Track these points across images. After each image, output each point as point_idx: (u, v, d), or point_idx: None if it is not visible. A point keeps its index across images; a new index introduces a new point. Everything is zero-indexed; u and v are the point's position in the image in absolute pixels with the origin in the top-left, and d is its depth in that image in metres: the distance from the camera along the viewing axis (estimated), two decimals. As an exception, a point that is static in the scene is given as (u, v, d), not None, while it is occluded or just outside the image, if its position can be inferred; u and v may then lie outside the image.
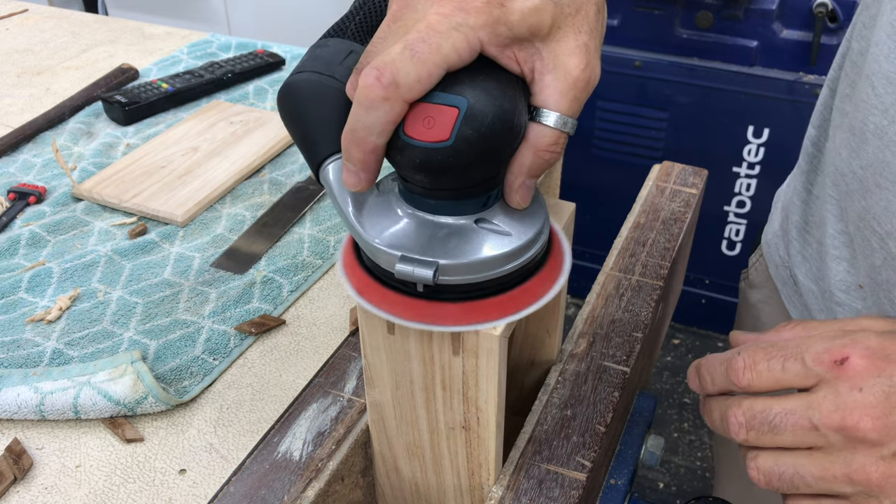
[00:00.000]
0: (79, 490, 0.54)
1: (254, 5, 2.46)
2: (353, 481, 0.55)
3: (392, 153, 0.39)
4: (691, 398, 2.02)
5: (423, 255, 0.40)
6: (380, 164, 0.40)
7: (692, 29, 1.74)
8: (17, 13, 1.31)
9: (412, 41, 0.37)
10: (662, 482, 1.83)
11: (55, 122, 0.98)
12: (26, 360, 0.64)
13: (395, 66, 0.36)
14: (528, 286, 0.43)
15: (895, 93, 0.52)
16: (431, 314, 0.42)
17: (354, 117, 0.38)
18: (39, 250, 0.77)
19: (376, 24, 0.48)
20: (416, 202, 0.42)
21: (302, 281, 0.73)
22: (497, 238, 0.41)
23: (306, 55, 0.47)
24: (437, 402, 0.48)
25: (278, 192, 0.85)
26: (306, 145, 0.45)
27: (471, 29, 0.37)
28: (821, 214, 0.65)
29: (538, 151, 0.40)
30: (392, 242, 0.41)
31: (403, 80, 0.36)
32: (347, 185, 0.41)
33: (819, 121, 0.68)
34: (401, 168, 0.40)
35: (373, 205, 0.43)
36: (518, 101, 0.39)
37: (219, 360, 0.64)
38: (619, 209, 0.76)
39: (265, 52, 1.13)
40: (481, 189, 0.41)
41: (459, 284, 0.41)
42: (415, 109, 0.38)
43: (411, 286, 0.41)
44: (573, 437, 0.52)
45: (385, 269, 0.42)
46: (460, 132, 0.37)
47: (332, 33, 0.49)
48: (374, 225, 0.42)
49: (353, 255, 0.44)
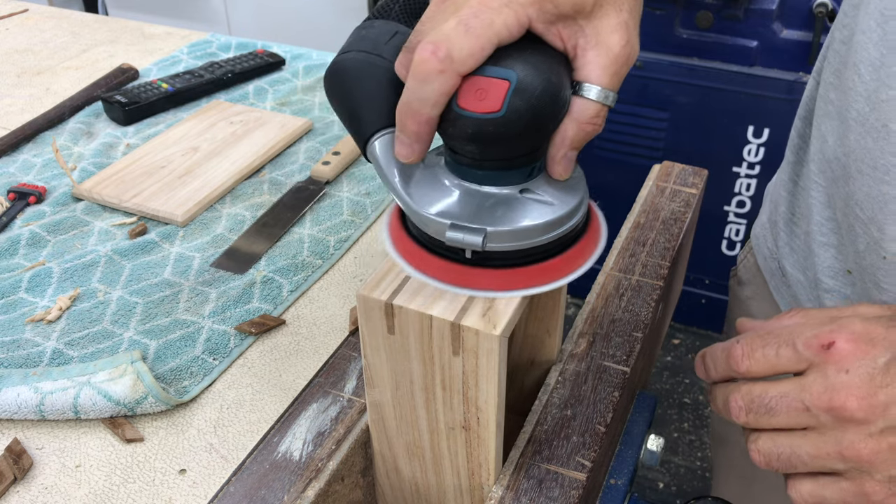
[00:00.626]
0: (79, 490, 0.54)
1: (254, 5, 2.46)
2: (353, 481, 0.55)
3: (444, 125, 0.41)
4: (691, 398, 2.02)
5: (473, 223, 0.42)
6: (432, 136, 0.42)
7: (692, 29, 1.74)
8: (17, 13, 1.31)
9: (465, 16, 0.39)
10: (662, 482, 1.83)
11: (55, 122, 0.98)
12: (26, 360, 0.64)
13: (450, 40, 0.38)
14: (567, 255, 0.45)
15: (878, 80, 0.53)
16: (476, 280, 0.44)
17: (410, 90, 0.40)
18: (39, 250, 0.77)
19: (420, 6, 0.50)
20: (464, 173, 0.44)
21: (302, 281, 0.73)
22: (541, 207, 0.43)
23: (352, 36, 0.49)
24: (437, 402, 0.48)
25: (278, 192, 0.85)
26: (354, 123, 0.47)
27: (520, 6, 0.39)
28: (807, 203, 0.65)
29: (581, 124, 0.42)
30: (442, 211, 0.43)
31: (457, 53, 0.38)
32: (400, 156, 0.43)
33: (805, 112, 0.69)
34: (452, 139, 0.42)
35: (420, 177, 0.45)
36: (563, 75, 0.41)
37: (219, 360, 0.64)
38: (619, 209, 0.76)
39: (265, 52, 1.13)
40: (526, 160, 0.43)
41: (506, 251, 0.43)
42: (467, 82, 0.40)
43: (459, 252, 0.43)
44: (573, 437, 0.52)
45: (434, 238, 0.44)
46: (511, 104, 0.39)
47: (376, 15, 0.51)
48: (422, 196, 0.44)
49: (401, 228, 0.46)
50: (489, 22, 0.39)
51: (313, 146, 0.94)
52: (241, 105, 1.01)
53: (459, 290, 0.44)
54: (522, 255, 0.44)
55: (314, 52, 1.17)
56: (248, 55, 1.11)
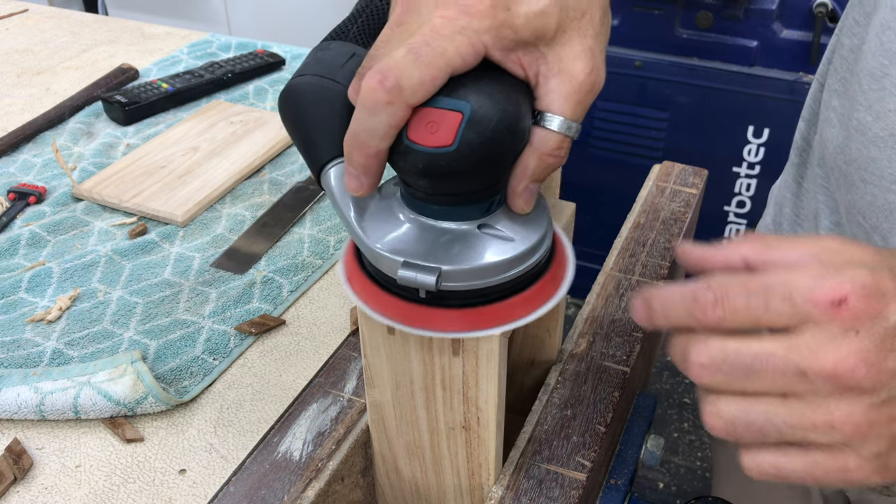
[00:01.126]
0: (79, 490, 0.54)
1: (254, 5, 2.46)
2: (353, 481, 0.55)
3: (395, 158, 0.39)
4: (691, 398, 2.02)
5: (426, 262, 0.40)
6: (382, 169, 0.40)
7: (692, 29, 1.74)
8: (17, 13, 1.31)
9: (416, 44, 0.37)
10: (662, 482, 1.83)
11: (55, 122, 0.98)
12: (26, 360, 0.64)
13: (399, 69, 0.36)
14: (530, 292, 0.43)
15: (880, 89, 0.53)
16: (433, 320, 0.41)
17: (357, 121, 0.38)
18: (39, 250, 0.77)
19: (378, 28, 0.48)
20: (419, 207, 0.42)
21: (302, 281, 0.73)
22: (500, 244, 0.41)
23: (308, 58, 0.47)
24: (437, 403, 0.48)
25: (278, 192, 0.85)
26: (307, 149, 0.45)
27: (475, 33, 0.37)
28: (812, 207, 0.65)
29: (542, 156, 0.39)
30: (394, 248, 0.41)
31: (407, 83, 0.36)
32: (350, 189, 0.41)
33: (809, 115, 0.69)
34: (403, 173, 0.40)
35: (375, 210, 0.43)
36: (522, 105, 0.39)
37: (219, 360, 0.64)
38: (619, 209, 0.76)
39: (265, 52, 1.13)
40: (484, 194, 0.41)
41: (462, 290, 0.41)
42: (418, 114, 0.37)
43: (413, 292, 0.41)
44: (573, 437, 0.52)
45: (387, 275, 0.42)
46: (464, 137, 0.37)
47: (333, 36, 0.49)
48: (375, 230, 0.42)
49: (355, 260, 0.44)
50: (441, 50, 0.36)
51: (313, 146, 0.94)
52: (241, 105, 1.01)
53: (415, 330, 0.42)
54: (480, 293, 0.41)
55: (314, 52, 1.17)
56: (248, 55, 1.11)
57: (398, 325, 0.42)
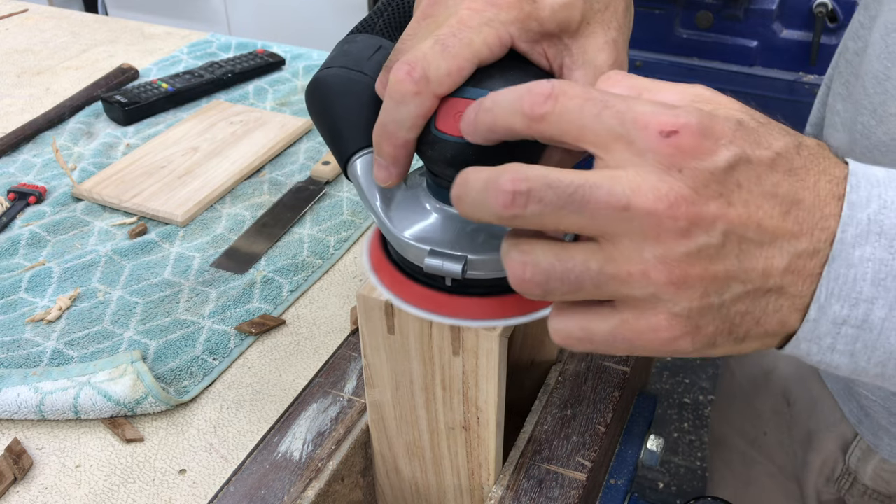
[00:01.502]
0: (79, 490, 0.54)
1: (254, 5, 2.46)
2: (353, 481, 0.55)
3: (423, 148, 0.40)
4: (691, 398, 2.02)
5: (452, 250, 0.41)
6: (410, 159, 0.41)
7: (692, 29, 1.74)
8: (17, 13, 1.31)
9: (443, 36, 0.37)
10: (662, 482, 1.83)
11: (55, 122, 0.98)
12: (26, 360, 0.64)
13: (426, 60, 0.37)
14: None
15: (883, 93, 0.52)
16: (459, 309, 0.42)
17: (385, 112, 0.39)
18: (39, 250, 0.77)
19: (404, 21, 0.49)
20: (445, 197, 0.42)
21: (302, 281, 0.73)
22: None
23: (334, 51, 0.48)
24: (437, 402, 0.48)
25: (278, 192, 0.85)
26: (334, 140, 0.46)
27: (502, 24, 0.38)
28: None
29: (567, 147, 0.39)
30: (421, 237, 0.42)
31: (434, 74, 0.37)
32: (378, 179, 0.41)
33: (816, 119, 0.69)
34: (431, 162, 0.41)
35: (401, 199, 0.44)
36: None
37: (219, 360, 0.64)
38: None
39: (265, 52, 1.13)
40: None
41: (488, 279, 0.41)
42: (446, 104, 0.38)
43: (439, 280, 0.42)
44: (573, 437, 0.52)
45: (413, 264, 0.42)
46: None
47: (359, 29, 0.50)
48: (402, 219, 0.43)
49: (381, 251, 0.45)
50: (468, 41, 0.37)
51: (313, 146, 0.94)
52: (241, 105, 1.01)
53: (440, 318, 0.42)
54: (504, 283, 0.40)
55: (314, 51, 1.17)
56: (248, 55, 1.11)
57: (427, 314, 0.42)
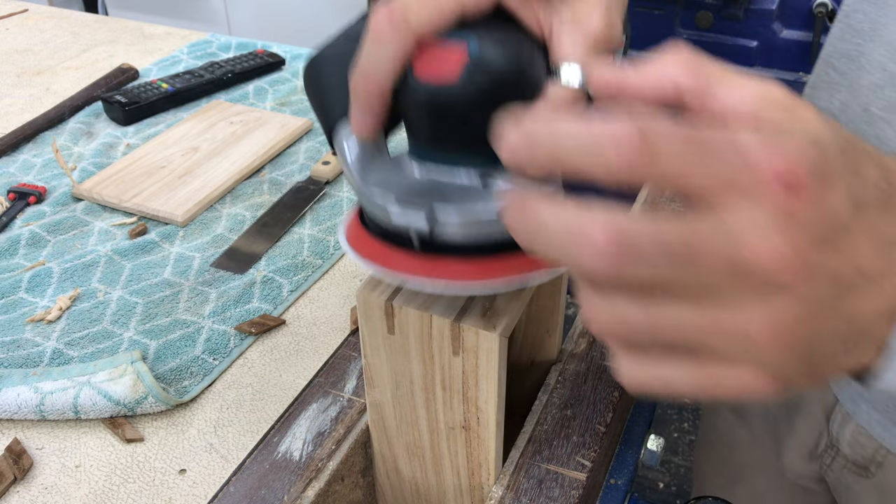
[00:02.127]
0: (79, 490, 0.54)
1: (254, 5, 2.46)
2: (353, 481, 0.55)
3: (399, 97, 0.39)
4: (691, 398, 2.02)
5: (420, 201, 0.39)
6: (384, 109, 0.40)
7: (692, 29, 1.74)
8: (17, 13, 1.31)
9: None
10: (662, 482, 1.83)
11: (55, 122, 0.98)
12: (26, 360, 0.64)
13: (407, 5, 0.37)
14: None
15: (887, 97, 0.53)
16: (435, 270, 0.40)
17: (363, 55, 0.39)
18: (39, 250, 0.77)
19: None
20: (421, 153, 0.42)
21: (302, 281, 0.73)
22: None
23: (338, 32, 0.48)
24: (437, 402, 0.48)
25: (278, 192, 0.85)
26: (323, 111, 0.46)
27: None
28: None
29: (555, 109, 0.38)
30: (387, 188, 0.41)
31: (414, 17, 0.37)
32: (353, 129, 0.41)
33: None
34: (408, 110, 0.40)
35: (379, 163, 0.43)
36: (533, 54, 0.39)
37: (219, 360, 0.64)
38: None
39: (265, 52, 1.13)
40: (488, 142, 0.39)
41: (462, 242, 0.39)
42: (425, 51, 0.38)
43: (409, 242, 0.40)
44: (573, 437, 0.52)
45: (383, 222, 0.40)
46: (469, 75, 0.37)
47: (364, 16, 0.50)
48: (373, 175, 0.42)
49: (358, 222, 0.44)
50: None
51: (313, 146, 0.94)
52: (241, 105, 1.01)
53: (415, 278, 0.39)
54: (482, 245, 0.39)
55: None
56: (247, 55, 1.11)
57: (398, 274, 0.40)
